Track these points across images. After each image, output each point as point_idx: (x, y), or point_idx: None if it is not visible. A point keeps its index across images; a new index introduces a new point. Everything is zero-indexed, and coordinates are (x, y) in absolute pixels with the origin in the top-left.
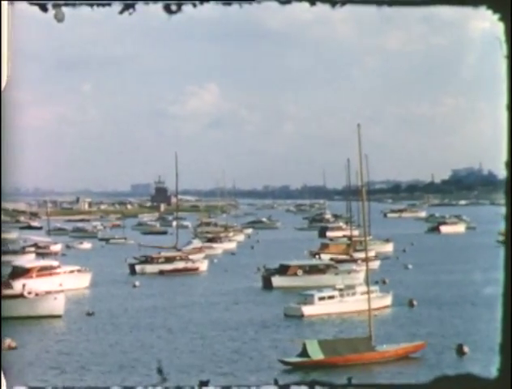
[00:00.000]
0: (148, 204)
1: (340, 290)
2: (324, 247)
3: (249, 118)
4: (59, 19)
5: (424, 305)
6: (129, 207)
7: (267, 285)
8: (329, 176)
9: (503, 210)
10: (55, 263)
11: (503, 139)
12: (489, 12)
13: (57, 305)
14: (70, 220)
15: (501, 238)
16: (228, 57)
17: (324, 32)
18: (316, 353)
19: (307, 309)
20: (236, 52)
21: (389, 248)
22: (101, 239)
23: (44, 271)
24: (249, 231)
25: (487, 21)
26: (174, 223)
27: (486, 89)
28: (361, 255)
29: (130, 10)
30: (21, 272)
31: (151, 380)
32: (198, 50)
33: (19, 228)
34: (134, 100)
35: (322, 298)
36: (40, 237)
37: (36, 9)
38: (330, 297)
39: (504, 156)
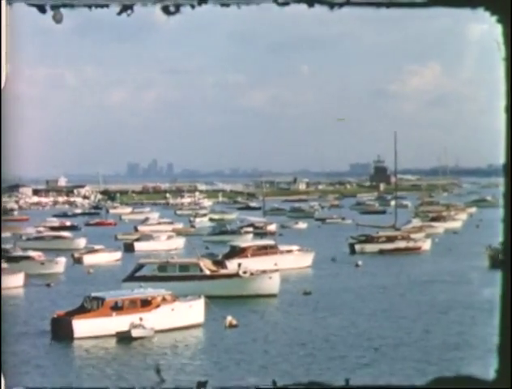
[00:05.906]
0: (367, 184)
1: None
2: None
3: (472, 96)
4: (57, 20)
5: None
6: (347, 186)
7: (495, 265)
8: None
9: None
10: (271, 243)
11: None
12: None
13: (272, 284)
14: (287, 200)
15: None
16: (446, 34)
17: None
18: None
19: None
20: (455, 27)
21: None
22: (317, 219)
23: (261, 250)
24: (473, 210)
25: None
26: (393, 202)
27: None
28: None
29: (129, 12)
30: (237, 252)
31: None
32: (416, 29)
33: (237, 209)
34: (353, 80)
35: None
36: (255, 218)
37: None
38: None
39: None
